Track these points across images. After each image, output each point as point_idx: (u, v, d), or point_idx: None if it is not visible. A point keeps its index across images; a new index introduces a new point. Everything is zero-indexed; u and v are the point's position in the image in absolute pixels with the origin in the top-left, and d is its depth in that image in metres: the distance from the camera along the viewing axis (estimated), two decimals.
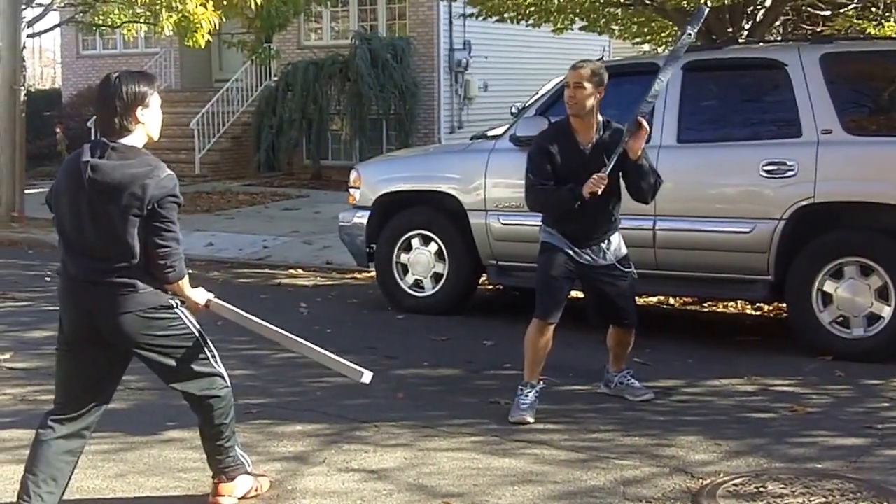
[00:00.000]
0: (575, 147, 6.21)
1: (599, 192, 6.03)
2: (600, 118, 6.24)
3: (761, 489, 5.00)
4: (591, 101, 6.13)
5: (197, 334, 4.64)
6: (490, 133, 9.97)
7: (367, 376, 4.72)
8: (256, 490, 4.98)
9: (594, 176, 6.01)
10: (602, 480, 5.20)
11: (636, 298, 6.81)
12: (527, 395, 6.25)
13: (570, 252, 6.28)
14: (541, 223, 6.45)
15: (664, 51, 14.66)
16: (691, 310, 9.58)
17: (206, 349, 4.68)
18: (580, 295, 7.06)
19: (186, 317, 4.62)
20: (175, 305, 4.57)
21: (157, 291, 4.48)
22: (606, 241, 6.34)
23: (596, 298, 6.56)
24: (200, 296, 4.67)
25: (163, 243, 4.39)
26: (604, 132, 6.20)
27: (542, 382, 6.37)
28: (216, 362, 4.72)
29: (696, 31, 6.58)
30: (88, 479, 5.25)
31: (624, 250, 6.45)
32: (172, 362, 4.59)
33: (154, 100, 4.53)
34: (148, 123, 4.51)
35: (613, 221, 6.37)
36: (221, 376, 4.74)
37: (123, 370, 4.74)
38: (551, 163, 6.23)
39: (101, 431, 5.82)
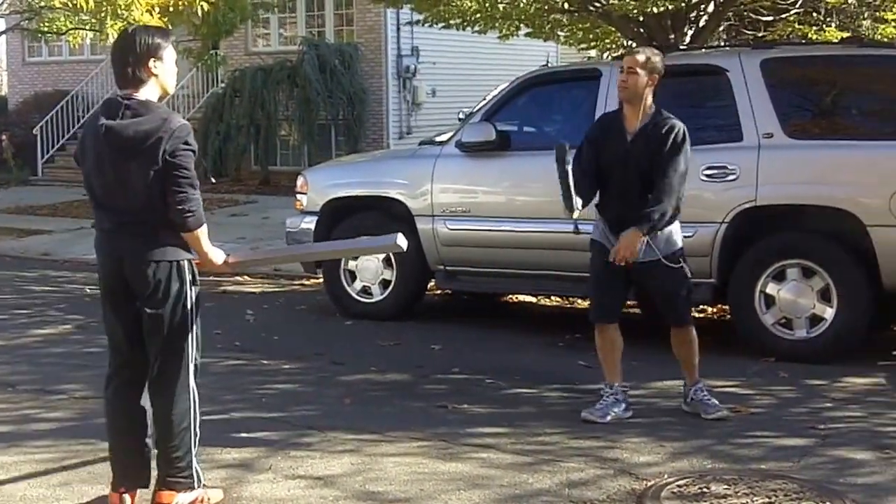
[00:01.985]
0: (621, 134, 6.19)
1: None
2: (653, 107, 6.20)
3: (705, 490, 5.05)
4: (642, 88, 6.11)
5: (197, 329, 4.75)
6: (437, 139, 9.99)
7: (401, 239, 4.84)
8: (202, 502, 4.89)
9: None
10: (548, 483, 5.23)
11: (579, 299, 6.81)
12: (607, 397, 6.28)
13: (609, 247, 6.17)
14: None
15: (608, 57, 14.77)
16: (634, 312, 9.62)
17: (193, 349, 4.74)
18: (529, 298, 7.12)
19: (195, 305, 4.71)
20: (191, 281, 4.67)
21: (178, 248, 4.63)
22: (653, 235, 6.12)
23: (641, 292, 6.40)
24: (218, 256, 4.79)
25: (179, 189, 4.53)
26: (650, 121, 6.14)
27: (622, 385, 6.36)
28: (194, 367, 4.77)
29: None
30: (32, 488, 5.22)
31: (677, 245, 6.24)
32: (165, 332, 4.66)
33: (168, 53, 4.66)
34: (161, 76, 4.65)
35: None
36: (193, 389, 4.76)
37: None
38: (596, 149, 6.22)
39: (45, 440, 5.85)
